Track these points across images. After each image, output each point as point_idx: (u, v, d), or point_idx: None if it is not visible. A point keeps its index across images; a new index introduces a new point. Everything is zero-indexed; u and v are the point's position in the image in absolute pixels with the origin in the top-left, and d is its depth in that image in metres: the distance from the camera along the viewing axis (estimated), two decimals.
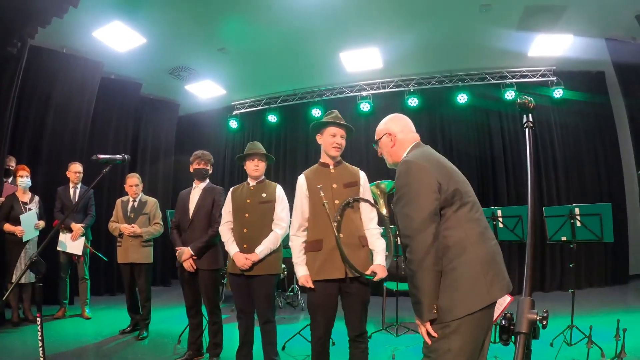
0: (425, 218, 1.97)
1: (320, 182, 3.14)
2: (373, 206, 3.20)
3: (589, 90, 8.31)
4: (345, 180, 3.17)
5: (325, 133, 3.22)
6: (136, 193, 5.48)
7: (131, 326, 5.43)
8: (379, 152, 2.53)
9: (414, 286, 1.97)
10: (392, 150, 2.41)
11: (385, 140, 2.43)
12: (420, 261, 1.94)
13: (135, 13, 6.21)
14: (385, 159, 2.51)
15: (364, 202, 3.17)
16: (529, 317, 1.16)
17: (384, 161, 2.57)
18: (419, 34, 6.97)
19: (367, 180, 3.29)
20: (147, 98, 9.56)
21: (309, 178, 3.24)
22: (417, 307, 1.97)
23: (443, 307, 1.94)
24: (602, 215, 4.37)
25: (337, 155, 3.23)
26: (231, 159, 10.37)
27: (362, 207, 3.18)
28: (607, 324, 4.37)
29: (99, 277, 7.75)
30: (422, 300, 1.94)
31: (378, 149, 2.52)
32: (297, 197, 3.25)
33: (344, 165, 3.31)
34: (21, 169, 5.77)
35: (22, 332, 5.27)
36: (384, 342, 5.03)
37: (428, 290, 1.94)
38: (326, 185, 3.12)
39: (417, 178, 2.06)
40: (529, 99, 1.68)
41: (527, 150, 1.59)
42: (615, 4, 6.09)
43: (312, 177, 3.23)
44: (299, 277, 3.11)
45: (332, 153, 3.21)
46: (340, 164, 3.29)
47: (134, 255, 5.25)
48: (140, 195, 5.55)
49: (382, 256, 3.07)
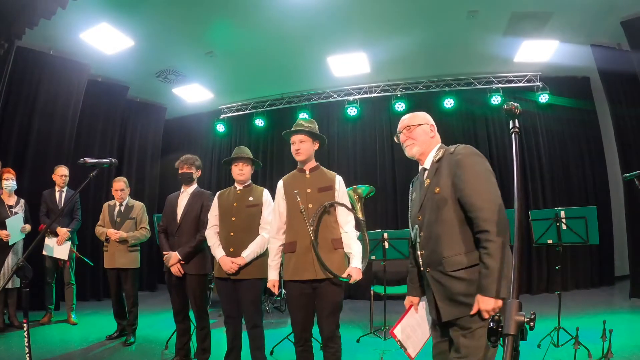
0: (500, 198, 2.14)
1: (296, 187, 3.28)
2: (350, 210, 3.29)
3: (575, 96, 8.45)
4: (319, 184, 3.29)
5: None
6: (122, 197, 5.42)
7: (118, 332, 5.36)
8: (403, 138, 2.52)
9: (497, 259, 2.02)
10: (430, 140, 2.47)
11: (425, 128, 2.48)
12: (506, 234, 2.05)
13: (123, 15, 6.18)
14: (408, 147, 2.50)
15: (340, 207, 3.26)
16: (517, 319, 1.17)
17: (371, 165, 2.62)
18: (406, 39, 7.01)
19: (343, 184, 3.37)
20: (134, 101, 9.51)
21: (285, 183, 3.42)
22: (499, 283, 2.00)
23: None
24: (588, 218, 4.41)
25: (302, 160, 3.34)
26: (218, 163, 10.36)
27: (338, 211, 3.27)
28: (594, 325, 4.43)
29: (85, 282, 7.65)
30: (507, 274, 2.01)
31: (404, 135, 2.52)
32: (276, 201, 3.46)
33: (321, 170, 3.41)
34: (6, 172, 5.69)
35: (7, 337, 5.19)
36: (372, 345, 5.03)
37: (511, 265, 1.94)
38: (301, 190, 3.25)
39: (486, 165, 2.24)
40: (516, 104, 1.71)
41: (514, 155, 1.62)
42: (601, 11, 6.20)
43: (288, 183, 3.40)
44: (268, 281, 3.35)
45: (297, 159, 3.35)
46: (316, 170, 3.40)
47: (121, 260, 5.19)
48: (127, 199, 5.49)
49: (358, 259, 3.16)
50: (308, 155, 3.34)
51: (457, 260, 2.19)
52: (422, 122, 2.50)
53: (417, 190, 2.54)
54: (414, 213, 2.47)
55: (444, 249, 2.22)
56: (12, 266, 5.35)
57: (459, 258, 2.19)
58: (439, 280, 2.25)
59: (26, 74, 6.86)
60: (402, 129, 2.53)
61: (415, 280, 2.62)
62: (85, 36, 6.65)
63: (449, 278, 2.20)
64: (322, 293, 3.12)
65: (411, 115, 2.57)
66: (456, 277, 2.18)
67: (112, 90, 8.62)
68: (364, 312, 6.24)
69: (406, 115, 2.59)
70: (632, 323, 5.49)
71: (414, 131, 2.48)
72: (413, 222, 2.49)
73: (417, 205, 2.44)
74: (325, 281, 3.09)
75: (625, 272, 7.91)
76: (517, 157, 1.62)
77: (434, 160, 2.40)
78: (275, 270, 3.32)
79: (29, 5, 5.32)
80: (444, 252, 2.22)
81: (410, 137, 2.48)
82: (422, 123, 2.49)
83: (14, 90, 6.66)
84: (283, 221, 3.34)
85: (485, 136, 8.65)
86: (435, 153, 2.43)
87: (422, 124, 2.49)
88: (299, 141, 3.31)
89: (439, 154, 2.39)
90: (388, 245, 5.37)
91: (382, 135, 9.02)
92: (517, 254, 1.41)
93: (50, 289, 6.05)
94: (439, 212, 2.26)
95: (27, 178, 6.68)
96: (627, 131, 6.94)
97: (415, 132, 2.47)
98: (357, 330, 5.58)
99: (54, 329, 5.78)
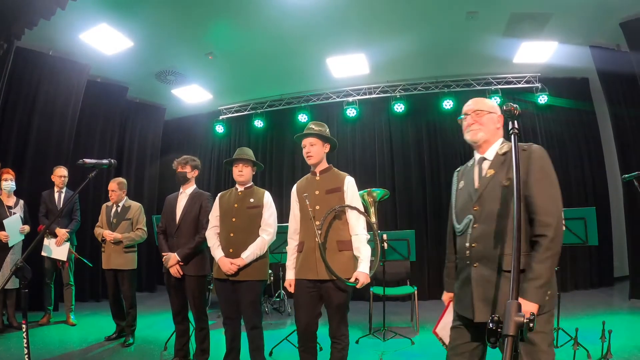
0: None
1: (307, 189, 3.39)
2: (361, 213, 3.29)
3: (574, 97, 8.45)
4: (327, 186, 3.35)
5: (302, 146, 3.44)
6: (113, 198, 5.36)
7: (117, 333, 5.35)
8: (469, 121, 2.40)
9: (549, 268, 1.99)
10: (496, 130, 2.37)
11: (494, 117, 2.38)
12: (560, 245, 2.02)
13: (123, 16, 6.18)
14: (473, 131, 2.38)
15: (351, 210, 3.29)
16: (516, 320, 1.17)
17: (370, 166, 2.60)
18: (405, 40, 7.01)
19: (353, 185, 3.39)
20: (133, 102, 9.51)
21: (298, 187, 3.52)
22: (545, 292, 2.01)
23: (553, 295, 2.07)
24: (587, 219, 4.42)
25: (312, 163, 3.41)
26: (217, 164, 10.37)
27: (348, 213, 3.30)
28: (593, 325, 4.44)
29: (84, 283, 7.64)
30: (553, 287, 2.08)
31: (471, 118, 2.40)
32: (291, 204, 3.54)
33: (332, 172, 3.46)
34: (5, 173, 5.69)
35: (6, 338, 5.18)
36: (372, 346, 5.03)
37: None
38: (310, 192, 3.35)
39: (552, 170, 2.16)
40: (515, 105, 1.71)
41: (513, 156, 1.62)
42: (600, 12, 6.20)
43: (301, 186, 3.50)
44: (285, 280, 3.45)
45: (308, 162, 3.43)
46: (327, 171, 3.45)
47: (117, 261, 5.15)
48: (124, 200, 5.45)
49: (367, 264, 3.18)
50: (319, 158, 3.40)
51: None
52: (492, 110, 2.40)
53: (468, 179, 2.42)
54: (466, 203, 2.35)
55: (507, 245, 2.08)
56: (11, 267, 5.35)
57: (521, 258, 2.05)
58: (489, 278, 2.13)
59: (25, 74, 6.85)
60: (470, 111, 2.41)
61: (452, 274, 2.51)
62: (84, 37, 6.65)
63: (502, 277, 2.09)
64: (326, 294, 3.20)
65: (480, 99, 2.46)
66: (509, 278, 2.00)
67: (111, 91, 8.61)
68: (363, 313, 6.23)
69: (474, 98, 2.48)
70: (631, 324, 5.49)
71: (483, 117, 2.37)
72: (464, 212, 2.35)
73: (471, 195, 2.31)
74: (329, 282, 3.16)
75: (624, 273, 7.93)
76: (516, 158, 1.62)
77: (498, 152, 2.31)
78: (290, 270, 3.40)
79: (28, 5, 5.31)
80: (506, 249, 2.09)
81: (478, 121, 2.37)
82: (492, 111, 2.39)
83: (13, 91, 6.65)
84: (298, 223, 3.43)
85: None
86: (500, 145, 2.34)
87: (492, 112, 2.39)
88: (309, 144, 3.38)
89: (504, 147, 2.30)
90: (387, 246, 5.36)
91: (382, 136, 9.03)
92: (516, 255, 1.41)
93: (49, 290, 6.04)
94: (507, 206, 2.11)
95: (26, 179, 6.67)
96: (626, 132, 6.94)
97: (484, 118, 2.37)
98: (357, 331, 5.57)
99: (52, 329, 5.77)
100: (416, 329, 5.80)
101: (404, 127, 8.96)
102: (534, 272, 1.97)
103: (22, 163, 6.73)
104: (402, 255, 5.30)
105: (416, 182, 8.70)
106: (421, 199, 8.65)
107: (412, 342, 5.04)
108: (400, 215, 8.62)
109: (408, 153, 8.83)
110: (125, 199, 5.47)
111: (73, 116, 7.45)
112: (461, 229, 2.34)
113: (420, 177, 8.74)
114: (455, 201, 2.48)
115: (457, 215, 2.41)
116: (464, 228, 2.32)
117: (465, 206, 2.34)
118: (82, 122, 7.84)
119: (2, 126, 6.60)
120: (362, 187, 7.87)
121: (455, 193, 2.51)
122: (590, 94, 8.48)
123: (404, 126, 8.96)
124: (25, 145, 6.87)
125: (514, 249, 1.47)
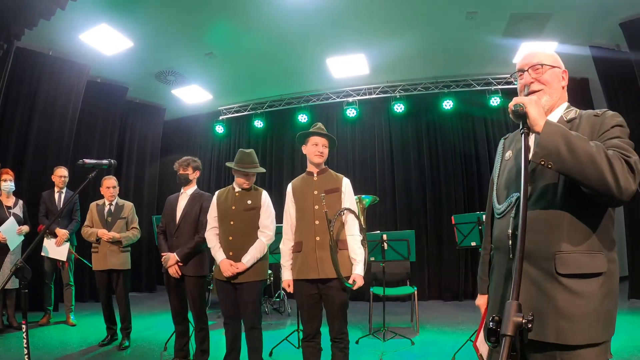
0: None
1: (305, 189, 3.42)
2: (356, 217, 3.37)
3: (573, 97, 8.37)
4: (326, 187, 3.37)
5: (309, 142, 3.44)
6: (113, 195, 5.26)
7: (109, 337, 5.17)
8: (528, 79, 1.80)
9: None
10: (561, 91, 1.85)
11: (558, 73, 1.83)
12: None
13: (122, 16, 6.18)
14: (529, 89, 1.78)
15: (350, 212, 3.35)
16: (515, 320, 1.17)
17: (370, 166, 2.55)
18: (405, 41, 7.02)
19: (349, 186, 3.45)
20: (133, 102, 9.52)
21: (294, 186, 3.52)
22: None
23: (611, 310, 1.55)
24: None
25: (320, 162, 3.42)
26: (217, 164, 10.36)
27: (346, 214, 3.35)
28: None
29: (84, 283, 7.63)
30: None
31: (530, 75, 1.80)
32: (286, 204, 3.51)
33: (329, 172, 3.49)
34: (5, 173, 5.69)
35: (6, 338, 5.18)
36: (372, 347, 5.02)
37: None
38: (309, 192, 3.37)
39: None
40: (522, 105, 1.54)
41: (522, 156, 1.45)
42: (600, 12, 6.19)
43: (297, 185, 3.51)
44: (282, 281, 3.46)
45: (315, 160, 3.41)
46: (324, 172, 3.48)
47: (113, 261, 4.99)
48: (117, 198, 5.35)
49: (362, 266, 3.25)
50: (325, 159, 3.46)
51: (575, 260, 1.54)
52: (556, 64, 1.82)
53: (517, 149, 1.83)
54: (513, 178, 1.78)
55: (563, 238, 1.56)
56: (10, 267, 5.34)
57: (579, 258, 1.54)
58: (539, 283, 1.59)
59: (25, 74, 6.85)
60: (527, 66, 1.81)
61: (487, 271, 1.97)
62: (84, 37, 6.65)
63: (554, 283, 1.55)
64: (326, 294, 3.22)
65: (539, 51, 1.85)
66: (564, 286, 1.53)
67: (111, 91, 8.61)
68: (363, 314, 6.23)
69: (531, 50, 1.89)
70: (630, 324, 5.51)
71: (547, 73, 1.79)
72: (509, 189, 1.80)
73: (519, 169, 1.68)
74: (329, 282, 3.18)
75: (624, 273, 7.92)
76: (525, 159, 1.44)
77: (563, 117, 1.77)
78: (287, 270, 3.39)
79: (28, 6, 5.32)
80: (561, 244, 1.56)
81: (539, 80, 1.79)
82: (556, 66, 1.82)
83: (13, 91, 6.65)
84: (293, 223, 3.44)
85: (484, 137, 8.63)
86: (565, 110, 1.81)
87: (555, 66, 1.81)
88: (323, 145, 3.42)
89: (570, 112, 1.79)
90: (387, 247, 5.36)
91: (381, 136, 9.04)
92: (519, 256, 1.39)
93: (49, 290, 6.04)
94: (570, 187, 1.58)
95: (26, 179, 6.68)
96: None
97: (547, 75, 1.79)
98: (357, 331, 5.57)
99: (52, 330, 5.78)
100: (416, 329, 5.80)
101: (404, 127, 8.97)
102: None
103: (22, 163, 6.73)
104: (402, 255, 5.30)
105: (416, 182, 8.71)
106: (421, 199, 8.66)
107: (412, 343, 5.03)
108: (400, 215, 8.62)
109: (408, 153, 8.84)
110: (117, 198, 5.36)
111: (73, 116, 7.46)
112: (503, 211, 1.78)
113: (420, 177, 8.74)
114: (498, 175, 1.93)
115: (499, 193, 1.87)
116: (506, 209, 1.76)
117: (512, 182, 1.79)
118: (82, 122, 7.84)
119: (2, 126, 6.60)
120: (361, 188, 7.94)
121: (499, 165, 1.96)
122: (590, 94, 8.47)
123: (404, 126, 8.97)
124: (25, 145, 6.87)
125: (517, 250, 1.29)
